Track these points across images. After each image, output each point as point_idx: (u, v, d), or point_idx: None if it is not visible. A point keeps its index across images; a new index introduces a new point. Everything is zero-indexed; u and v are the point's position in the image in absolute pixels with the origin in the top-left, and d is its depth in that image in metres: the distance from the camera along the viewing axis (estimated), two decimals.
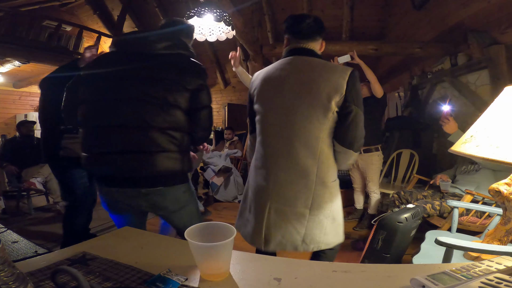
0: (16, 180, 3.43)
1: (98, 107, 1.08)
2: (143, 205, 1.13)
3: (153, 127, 1.05)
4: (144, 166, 1.05)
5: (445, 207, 1.98)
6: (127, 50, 1.14)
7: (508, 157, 0.80)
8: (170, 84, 1.07)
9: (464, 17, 2.89)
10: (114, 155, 1.05)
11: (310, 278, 0.60)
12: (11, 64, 5.04)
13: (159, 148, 1.06)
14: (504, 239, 0.97)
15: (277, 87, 1.13)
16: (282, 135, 1.10)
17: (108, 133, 1.06)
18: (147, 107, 1.05)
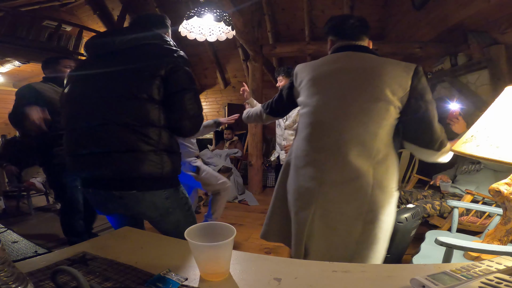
0: (16, 180, 3.44)
1: (68, 110, 1.08)
2: (118, 208, 1.06)
3: (119, 125, 0.97)
4: (115, 168, 0.98)
5: (445, 207, 1.98)
6: (96, 52, 1.11)
7: (508, 157, 0.81)
8: (133, 76, 0.99)
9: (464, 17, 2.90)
10: (85, 157, 1.02)
11: (310, 278, 0.60)
12: (11, 64, 5.04)
13: (127, 148, 0.97)
14: (504, 239, 0.97)
15: (332, 80, 1.04)
16: (334, 129, 0.99)
17: (79, 135, 1.04)
18: (113, 105, 0.98)
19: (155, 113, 1.00)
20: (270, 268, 0.65)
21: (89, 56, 1.14)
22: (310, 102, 1.07)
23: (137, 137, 0.97)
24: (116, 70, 1.02)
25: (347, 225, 0.96)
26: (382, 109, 0.96)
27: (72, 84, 1.10)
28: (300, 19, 4.85)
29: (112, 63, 1.04)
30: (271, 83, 5.64)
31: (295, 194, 1.06)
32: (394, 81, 0.97)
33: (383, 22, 4.64)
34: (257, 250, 2.41)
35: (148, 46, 1.07)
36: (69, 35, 5.57)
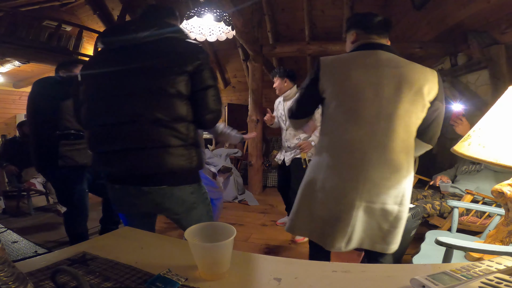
0: (16, 180, 3.43)
1: (95, 107, 1.06)
2: (145, 204, 1.06)
3: (151, 121, 0.98)
4: (146, 163, 1.00)
5: (445, 207, 1.99)
6: (114, 46, 1.07)
7: (491, 157, 0.82)
8: (162, 71, 0.99)
9: (464, 17, 2.90)
10: (116, 153, 1.02)
11: (310, 278, 0.60)
12: (11, 64, 5.03)
13: (159, 143, 0.99)
14: (506, 240, 0.97)
15: (369, 78, 1.06)
16: (378, 128, 1.04)
17: (108, 132, 1.02)
18: (141, 100, 0.99)
19: (184, 108, 1.02)
20: (270, 268, 0.65)
21: (107, 50, 1.10)
22: (346, 101, 1.08)
23: (168, 132, 0.99)
24: (143, 65, 1.01)
25: (386, 211, 1.07)
26: (419, 110, 1.06)
27: (93, 80, 1.07)
28: (300, 19, 4.85)
29: (137, 57, 1.02)
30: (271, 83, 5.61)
31: (331, 192, 1.09)
32: (428, 85, 1.06)
33: None
34: (257, 250, 2.41)
35: (172, 40, 1.06)
36: (69, 35, 5.57)
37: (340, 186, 1.07)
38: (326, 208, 1.10)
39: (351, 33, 1.20)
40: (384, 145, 1.04)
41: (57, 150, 1.78)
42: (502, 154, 0.81)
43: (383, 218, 1.07)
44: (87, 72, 1.09)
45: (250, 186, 4.36)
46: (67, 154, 1.79)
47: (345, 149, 1.08)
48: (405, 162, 1.06)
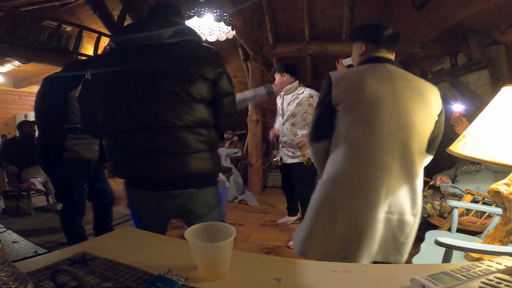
0: (16, 180, 3.44)
1: (117, 112, 1.01)
2: (173, 208, 1.07)
3: (179, 126, 0.99)
4: (175, 168, 1.00)
5: (445, 207, 1.99)
6: (131, 46, 1.03)
7: (486, 155, 0.84)
8: (188, 76, 0.99)
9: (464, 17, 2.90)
10: (143, 160, 1.00)
11: (310, 278, 0.60)
12: (11, 64, 5.03)
13: (188, 149, 1.00)
14: (505, 239, 0.97)
15: (385, 89, 1.05)
16: (398, 138, 1.03)
17: (134, 138, 1.00)
18: (169, 105, 0.98)
19: (207, 113, 1.05)
20: (270, 268, 0.65)
21: (122, 49, 1.04)
22: (364, 111, 1.05)
23: (195, 137, 1.01)
24: (169, 68, 0.99)
25: (403, 222, 1.05)
26: (431, 122, 1.09)
27: (111, 82, 1.01)
28: (300, 19, 4.85)
29: (162, 58, 0.99)
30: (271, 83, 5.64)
31: (359, 207, 1.03)
32: (435, 99, 1.10)
33: (383, 22, 4.64)
34: (257, 250, 2.41)
35: (193, 43, 1.05)
36: (69, 35, 5.57)
37: (364, 201, 1.02)
38: (350, 225, 1.04)
39: (359, 45, 1.18)
40: (404, 155, 1.03)
41: (63, 143, 1.79)
42: (497, 152, 0.83)
43: (400, 229, 1.05)
44: (101, 72, 1.03)
45: (250, 186, 4.36)
46: (73, 148, 1.80)
47: (366, 161, 1.03)
48: (420, 172, 1.08)
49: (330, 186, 1.08)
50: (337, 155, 1.08)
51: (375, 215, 1.01)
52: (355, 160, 1.05)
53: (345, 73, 1.12)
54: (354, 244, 1.03)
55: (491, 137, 0.87)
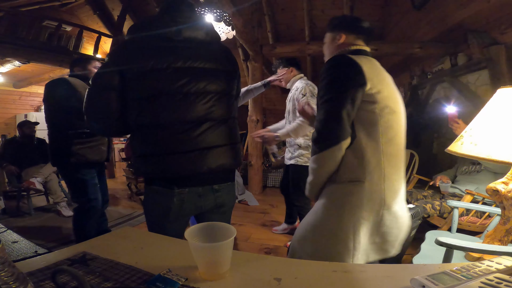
0: (16, 180, 3.44)
1: (159, 104, 0.96)
2: (210, 203, 1.05)
3: (221, 120, 1.04)
4: (216, 161, 1.01)
5: (445, 207, 1.99)
6: (175, 37, 1.00)
7: (483, 153, 0.88)
8: (229, 74, 1.09)
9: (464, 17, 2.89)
10: (185, 154, 0.96)
11: (310, 278, 0.60)
12: (11, 64, 5.03)
13: (227, 141, 1.04)
14: (504, 239, 0.97)
15: (394, 88, 1.01)
16: (403, 141, 1.00)
17: (176, 131, 0.96)
18: (211, 100, 1.02)
19: (236, 108, 1.15)
20: (270, 268, 0.65)
21: (162, 39, 0.99)
22: (388, 112, 0.96)
23: (232, 130, 1.08)
24: (215, 66, 1.05)
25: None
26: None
27: (157, 75, 0.95)
28: (300, 19, 4.85)
29: (208, 56, 1.04)
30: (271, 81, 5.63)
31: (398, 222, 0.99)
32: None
33: (383, 22, 4.64)
34: (257, 250, 2.41)
35: (221, 44, 1.14)
36: (69, 35, 5.57)
37: (400, 214, 0.98)
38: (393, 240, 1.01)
39: (338, 34, 1.10)
40: (404, 158, 1.01)
41: (69, 149, 1.85)
42: (493, 150, 0.86)
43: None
44: (142, 60, 0.95)
45: (250, 186, 4.36)
46: (79, 152, 1.87)
47: (379, 163, 0.94)
48: None
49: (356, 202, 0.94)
50: (372, 152, 0.94)
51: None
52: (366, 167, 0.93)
53: (371, 65, 0.98)
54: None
55: (487, 136, 0.90)
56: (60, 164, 1.98)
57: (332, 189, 0.99)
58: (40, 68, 5.64)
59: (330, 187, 0.99)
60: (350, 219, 0.93)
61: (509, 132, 0.86)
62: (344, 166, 0.95)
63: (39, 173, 3.31)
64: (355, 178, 0.94)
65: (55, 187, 3.38)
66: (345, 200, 0.94)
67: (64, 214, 3.25)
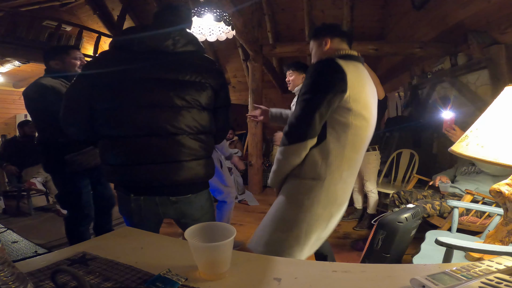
0: (16, 180, 3.44)
1: (120, 115, 0.98)
2: (169, 213, 1.07)
3: (185, 132, 1.01)
4: (175, 174, 1.01)
5: (445, 207, 1.98)
6: (138, 49, 1.02)
7: (490, 156, 0.82)
8: (196, 85, 1.03)
9: (464, 17, 2.90)
10: (143, 165, 0.99)
11: (310, 278, 0.60)
12: (11, 64, 5.04)
13: (191, 155, 1.02)
14: (505, 239, 0.97)
15: (372, 96, 1.12)
16: (367, 144, 1.16)
17: (135, 143, 0.99)
18: (175, 112, 1.00)
19: (209, 121, 1.09)
20: (270, 268, 0.65)
21: (124, 51, 1.02)
22: (364, 114, 1.05)
23: (198, 144, 1.05)
24: (177, 77, 1.01)
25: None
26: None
27: (116, 83, 0.98)
28: (300, 19, 4.85)
29: (170, 67, 1.01)
30: (271, 83, 5.63)
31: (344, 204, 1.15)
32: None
33: (383, 22, 4.64)
34: None
35: (197, 53, 1.10)
36: (69, 35, 5.58)
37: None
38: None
39: (324, 39, 1.17)
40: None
41: (62, 158, 1.67)
42: (501, 153, 0.81)
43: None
44: (100, 73, 1.00)
45: (250, 186, 4.36)
46: (73, 160, 1.69)
47: (358, 159, 1.13)
48: None
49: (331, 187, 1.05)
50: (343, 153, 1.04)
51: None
52: (345, 163, 1.05)
53: (350, 68, 1.02)
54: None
55: (495, 137, 0.85)
56: (54, 173, 1.82)
57: (294, 184, 1.07)
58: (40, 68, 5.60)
59: (292, 182, 1.08)
60: (306, 215, 1.03)
61: None
62: (309, 163, 1.03)
63: (39, 173, 3.31)
64: (317, 176, 1.03)
65: (55, 187, 3.38)
66: (305, 195, 1.03)
67: (64, 214, 3.25)
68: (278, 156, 1.07)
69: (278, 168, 1.08)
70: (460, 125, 1.79)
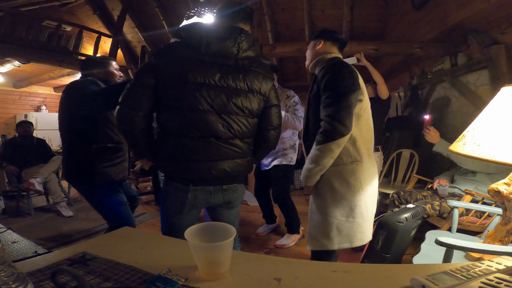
0: (16, 180, 3.43)
1: (182, 115, 1.06)
2: (220, 199, 1.21)
3: (237, 137, 1.14)
4: (228, 168, 1.15)
5: (445, 207, 1.98)
6: (205, 51, 1.06)
7: (486, 154, 0.84)
8: (251, 93, 1.13)
9: (464, 17, 2.89)
10: (203, 162, 1.11)
11: (310, 278, 0.60)
12: (11, 64, 5.03)
13: (239, 154, 1.17)
14: (505, 239, 0.97)
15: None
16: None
17: (198, 142, 1.09)
18: (231, 118, 1.11)
19: (255, 126, 1.21)
20: (270, 268, 0.65)
21: (193, 50, 1.06)
22: (367, 102, 1.32)
23: (246, 146, 1.19)
24: (241, 86, 1.11)
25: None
26: None
27: (182, 87, 1.04)
28: (300, 19, 4.85)
29: (238, 75, 1.10)
30: None
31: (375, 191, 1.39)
32: None
33: (383, 22, 4.64)
34: (257, 250, 2.41)
35: (256, 60, 1.17)
36: (69, 35, 5.57)
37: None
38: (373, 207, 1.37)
39: (318, 41, 1.43)
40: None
41: (93, 167, 1.56)
42: (497, 151, 0.83)
43: None
44: (173, 68, 1.04)
45: (250, 186, 4.35)
46: (104, 170, 1.59)
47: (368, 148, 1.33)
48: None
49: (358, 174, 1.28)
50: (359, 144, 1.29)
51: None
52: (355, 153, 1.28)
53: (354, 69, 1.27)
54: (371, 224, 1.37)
55: (491, 136, 0.87)
56: (81, 186, 1.66)
57: (336, 172, 1.26)
58: (40, 68, 5.63)
59: (334, 171, 1.26)
60: (360, 193, 1.26)
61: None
62: (344, 151, 1.24)
63: (39, 173, 3.31)
64: (353, 160, 1.26)
65: (55, 187, 3.38)
66: (351, 177, 1.25)
67: (64, 214, 3.25)
68: (316, 153, 1.21)
69: (318, 165, 1.22)
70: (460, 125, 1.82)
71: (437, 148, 1.98)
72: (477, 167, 2.03)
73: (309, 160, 1.24)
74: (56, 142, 5.96)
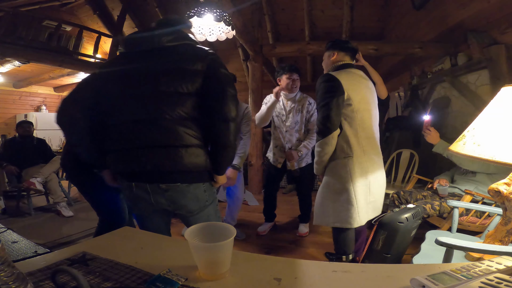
0: (16, 180, 3.43)
1: (116, 105, 1.10)
2: (162, 202, 1.09)
3: (168, 119, 1.03)
4: (165, 161, 1.03)
5: (445, 208, 1.98)
6: (136, 48, 1.15)
7: (486, 154, 0.84)
8: (180, 72, 1.05)
9: (464, 17, 2.89)
10: (135, 150, 1.05)
11: (310, 278, 0.60)
12: (11, 64, 5.03)
13: (180, 142, 1.03)
14: (505, 239, 0.97)
15: (364, 89, 1.61)
16: (374, 126, 1.65)
17: (128, 129, 1.07)
18: (163, 100, 1.04)
19: (197, 108, 1.06)
20: (270, 268, 0.65)
21: (130, 52, 1.16)
22: (364, 106, 1.58)
23: (187, 131, 1.04)
24: (164, 67, 1.06)
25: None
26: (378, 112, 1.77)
27: (116, 79, 1.11)
28: (300, 19, 4.85)
29: (159, 59, 1.08)
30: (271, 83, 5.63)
31: (379, 179, 1.66)
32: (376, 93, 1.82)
33: (383, 22, 4.64)
34: (257, 250, 2.41)
35: (188, 45, 1.14)
36: (69, 35, 5.56)
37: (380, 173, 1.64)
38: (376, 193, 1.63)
39: (332, 52, 1.67)
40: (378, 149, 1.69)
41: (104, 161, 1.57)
42: (497, 151, 0.83)
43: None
44: (106, 71, 1.16)
45: (250, 186, 4.36)
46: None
47: (373, 146, 1.62)
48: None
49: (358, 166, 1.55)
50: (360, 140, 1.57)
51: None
52: (350, 149, 1.55)
53: (342, 76, 1.53)
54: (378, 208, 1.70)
55: (491, 136, 0.87)
56: (79, 177, 1.68)
57: (333, 164, 1.59)
58: (40, 68, 5.63)
59: (331, 163, 1.59)
60: (349, 183, 1.52)
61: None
62: (338, 148, 1.55)
63: (39, 173, 3.31)
64: (346, 155, 1.54)
65: (55, 187, 3.37)
66: (343, 170, 1.54)
67: (64, 214, 3.25)
68: (317, 149, 1.57)
69: (319, 157, 1.58)
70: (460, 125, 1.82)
71: (437, 149, 1.98)
72: (477, 167, 2.03)
73: (315, 154, 1.60)
74: (56, 142, 5.96)
